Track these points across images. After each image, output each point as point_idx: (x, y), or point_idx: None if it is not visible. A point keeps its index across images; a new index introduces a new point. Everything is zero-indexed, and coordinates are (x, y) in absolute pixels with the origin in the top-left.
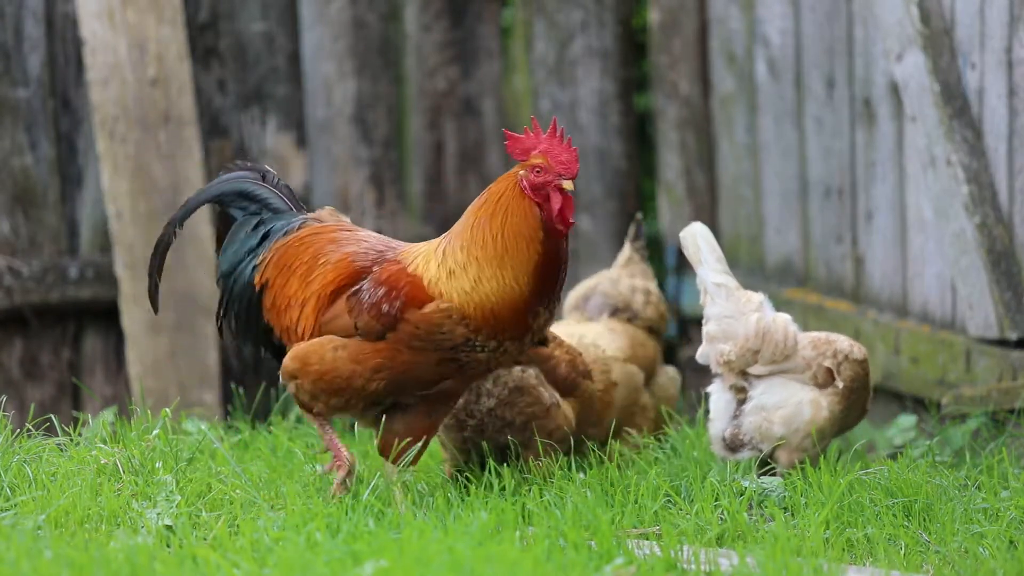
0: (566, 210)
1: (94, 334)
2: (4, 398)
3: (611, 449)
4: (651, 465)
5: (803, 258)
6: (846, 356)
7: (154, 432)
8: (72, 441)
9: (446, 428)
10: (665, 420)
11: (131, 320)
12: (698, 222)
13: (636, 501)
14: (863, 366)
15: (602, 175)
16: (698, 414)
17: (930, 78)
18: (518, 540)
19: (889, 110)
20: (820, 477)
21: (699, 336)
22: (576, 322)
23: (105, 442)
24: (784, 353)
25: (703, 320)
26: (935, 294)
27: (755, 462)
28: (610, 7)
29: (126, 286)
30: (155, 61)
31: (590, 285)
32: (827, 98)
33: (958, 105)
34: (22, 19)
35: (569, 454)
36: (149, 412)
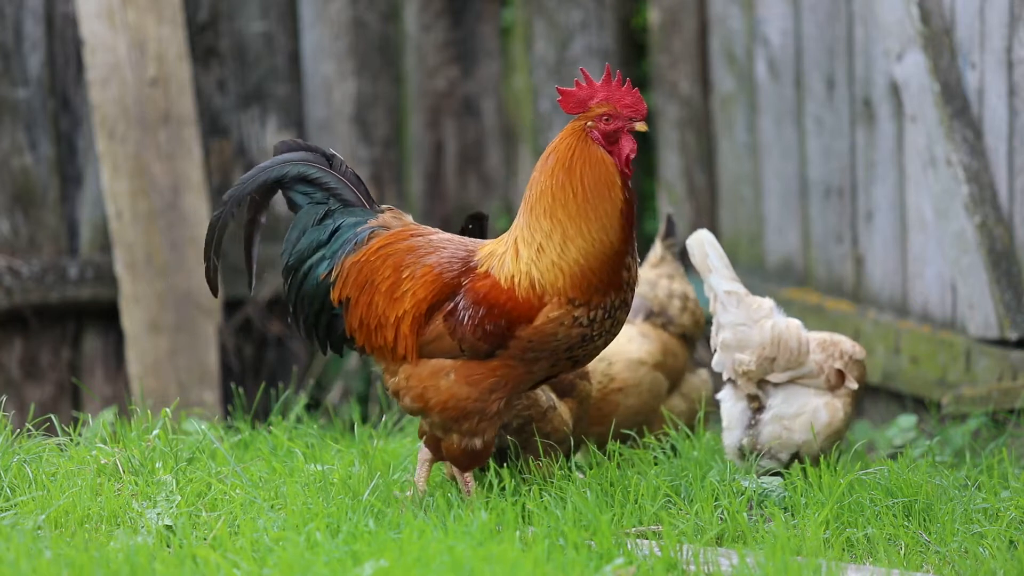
0: (633, 152)
1: (94, 334)
2: (4, 398)
3: (610, 450)
4: (651, 465)
5: (803, 258)
6: (851, 357)
7: (154, 432)
8: (72, 441)
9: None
10: (700, 422)
11: (131, 320)
12: (704, 229)
13: (636, 501)
14: (864, 366)
15: None
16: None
17: (930, 78)
18: (518, 540)
19: (889, 110)
20: (820, 477)
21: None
22: None
23: (105, 442)
24: (799, 360)
25: (713, 327)
26: (935, 294)
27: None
28: (610, 7)
29: (126, 286)
30: (155, 61)
31: None
32: (827, 98)
33: (958, 105)
34: (22, 19)
35: (569, 455)
36: (149, 412)
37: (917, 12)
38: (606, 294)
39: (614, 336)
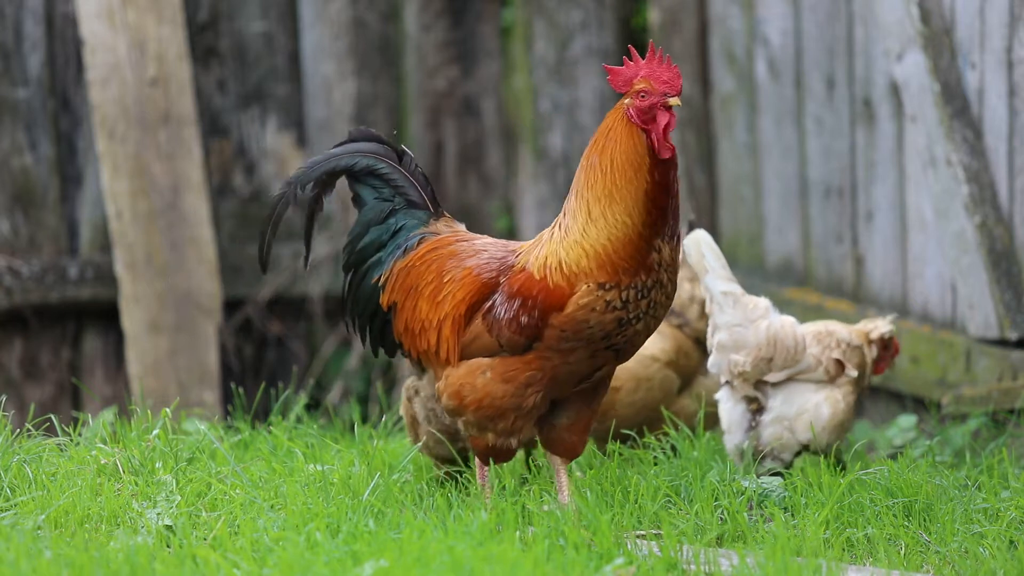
0: (670, 127)
1: (94, 334)
2: (4, 398)
3: (609, 449)
4: (651, 465)
5: (803, 258)
6: (848, 344)
7: (154, 432)
8: (72, 441)
9: (438, 443)
10: (700, 423)
11: (131, 320)
12: (701, 229)
13: (636, 501)
14: (862, 351)
15: None
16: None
17: (930, 78)
18: (518, 540)
19: (889, 110)
20: (820, 477)
21: None
22: None
23: (105, 442)
24: (795, 357)
25: (710, 328)
26: (935, 294)
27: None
28: (610, 7)
29: (126, 286)
30: (155, 61)
31: None
32: (827, 98)
33: (958, 105)
34: (22, 19)
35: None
36: (149, 412)
37: (917, 12)
38: (636, 275)
39: (656, 320)
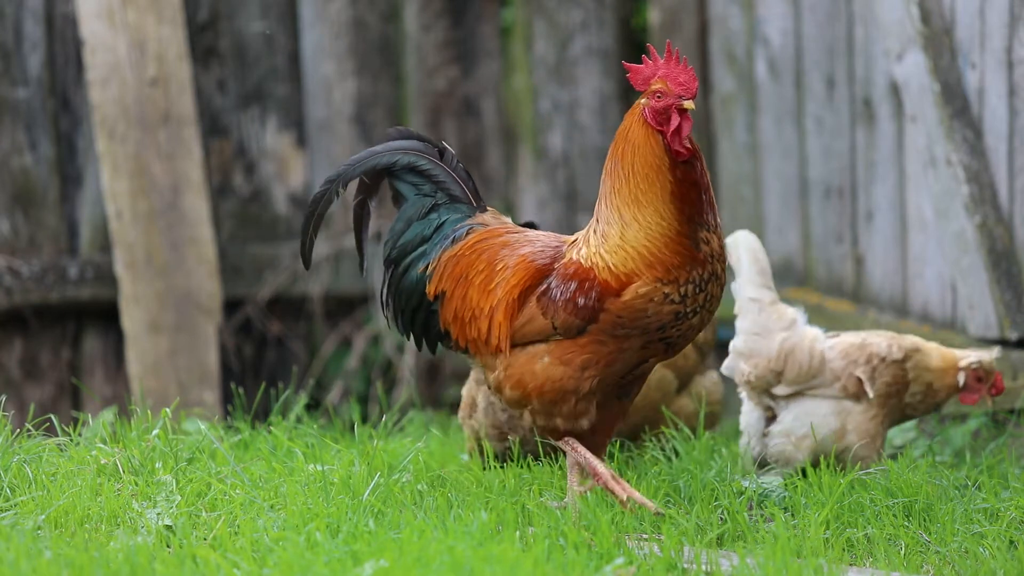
0: (684, 131)
1: (94, 334)
2: (4, 398)
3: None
4: (651, 464)
5: (803, 258)
6: (882, 359)
7: (154, 432)
8: (72, 441)
9: (489, 437)
10: (700, 423)
11: (131, 320)
12: (745, 231)
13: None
14: (903, 366)
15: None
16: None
17: (930, 78)
18: (518, 540)
19: (889, 110)
20: (820, 477)
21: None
22: None
23: (105, 442)
24: (810, 373)
25: (735, 330)
26: (935, 294)
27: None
28: (610, 7)
29: (126, 286)
30: (155, 61)
31: None
32: (827, 98)
33: (958, 105)
34: (22, 19)
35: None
36: (149, 412)
37: (917, 12)
38: (689, 269)
39: (710, 314)
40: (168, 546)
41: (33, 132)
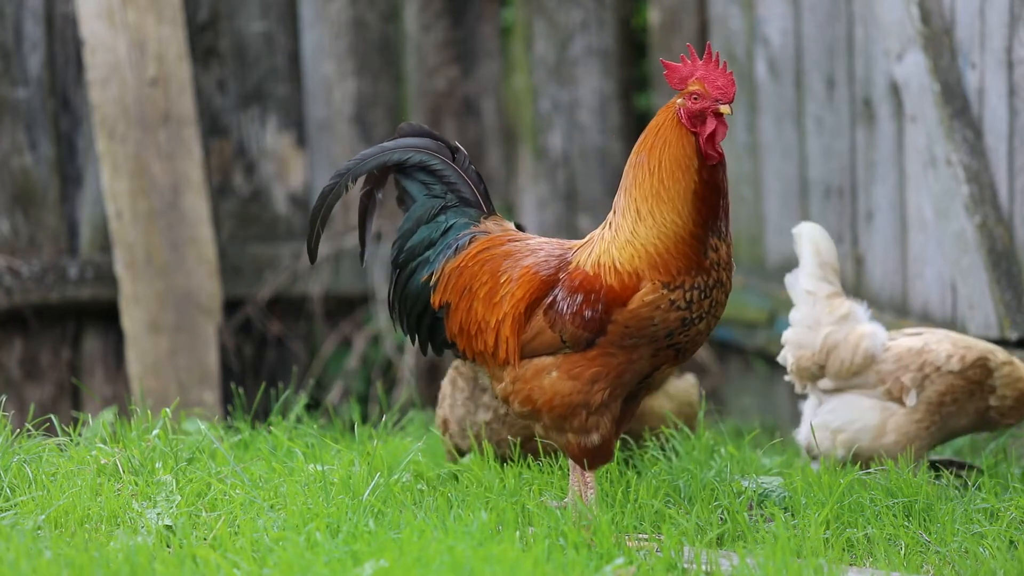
0: (718, 135)
1: (94, 334)
2: (4, 398)
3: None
4: (651, 464)
5: None
6: (937, 368)
7: (154, 432)
8: (72, 441)
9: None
10: (673, 423)
11: (131, 320)
12: (810, 223)
13: (636, 501)
14: (964, 375)
15: (602, 175)
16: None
17: (930, 78)
18: (518, 540)
19: (889, 110)
20: (820, 477)
21: None
22: None
23: (105, 442)
24: (851, 370)
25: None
26: (935, 294)
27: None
28: (610, 7)
29: (126, 286)
30: (155, 61)
31: None
32: (827, 98)
33: (958, 105)
34: (22, 19)
35: None
36: (149, 412)
37: (917, 12)
38: (694, 275)
39: (716, 320)
40: (168, 546)
41: (33, 132)
